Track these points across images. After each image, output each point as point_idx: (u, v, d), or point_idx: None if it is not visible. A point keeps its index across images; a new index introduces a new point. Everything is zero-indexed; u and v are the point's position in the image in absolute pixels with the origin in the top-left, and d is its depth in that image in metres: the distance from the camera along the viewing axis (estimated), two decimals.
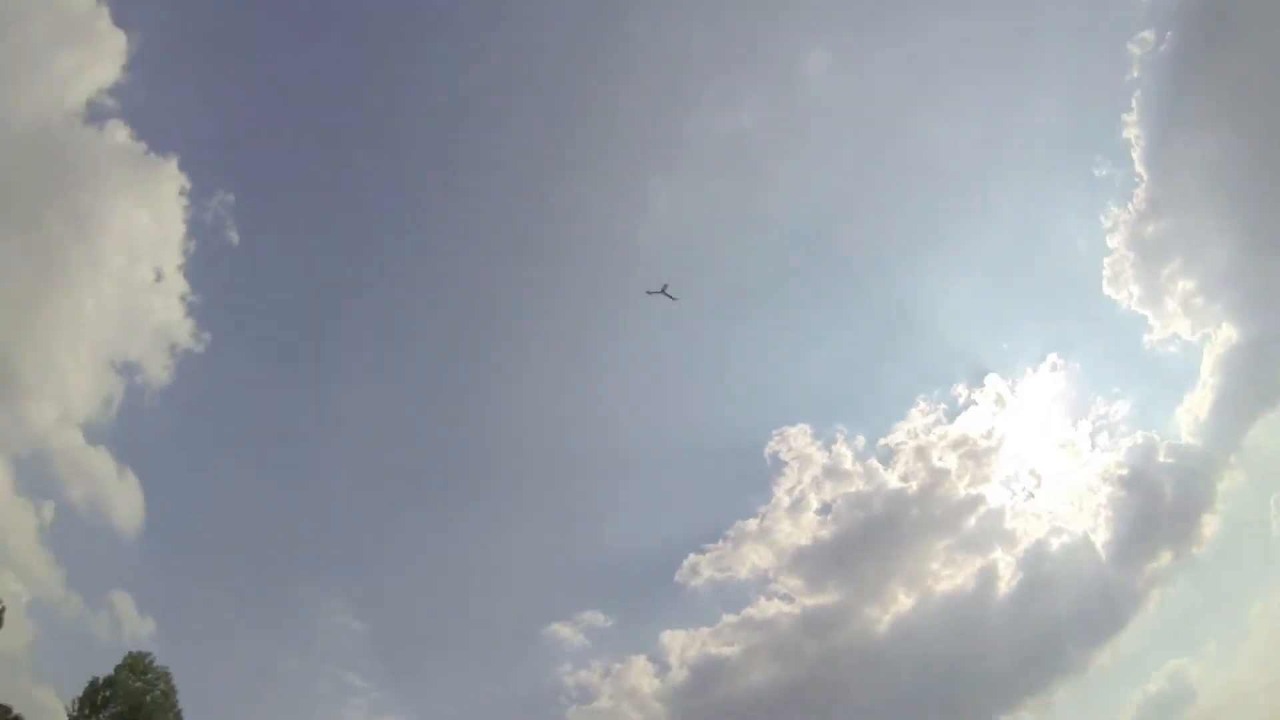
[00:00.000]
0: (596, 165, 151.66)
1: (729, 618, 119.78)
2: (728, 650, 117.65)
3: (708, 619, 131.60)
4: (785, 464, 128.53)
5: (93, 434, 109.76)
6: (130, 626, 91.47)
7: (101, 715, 48.32)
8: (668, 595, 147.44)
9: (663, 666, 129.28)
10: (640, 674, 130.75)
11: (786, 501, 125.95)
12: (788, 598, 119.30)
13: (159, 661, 52.15)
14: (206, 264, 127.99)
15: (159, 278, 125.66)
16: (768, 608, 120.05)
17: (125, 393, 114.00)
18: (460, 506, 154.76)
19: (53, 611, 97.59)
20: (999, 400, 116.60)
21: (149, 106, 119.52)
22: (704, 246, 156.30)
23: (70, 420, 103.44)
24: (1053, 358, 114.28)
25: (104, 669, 49.98)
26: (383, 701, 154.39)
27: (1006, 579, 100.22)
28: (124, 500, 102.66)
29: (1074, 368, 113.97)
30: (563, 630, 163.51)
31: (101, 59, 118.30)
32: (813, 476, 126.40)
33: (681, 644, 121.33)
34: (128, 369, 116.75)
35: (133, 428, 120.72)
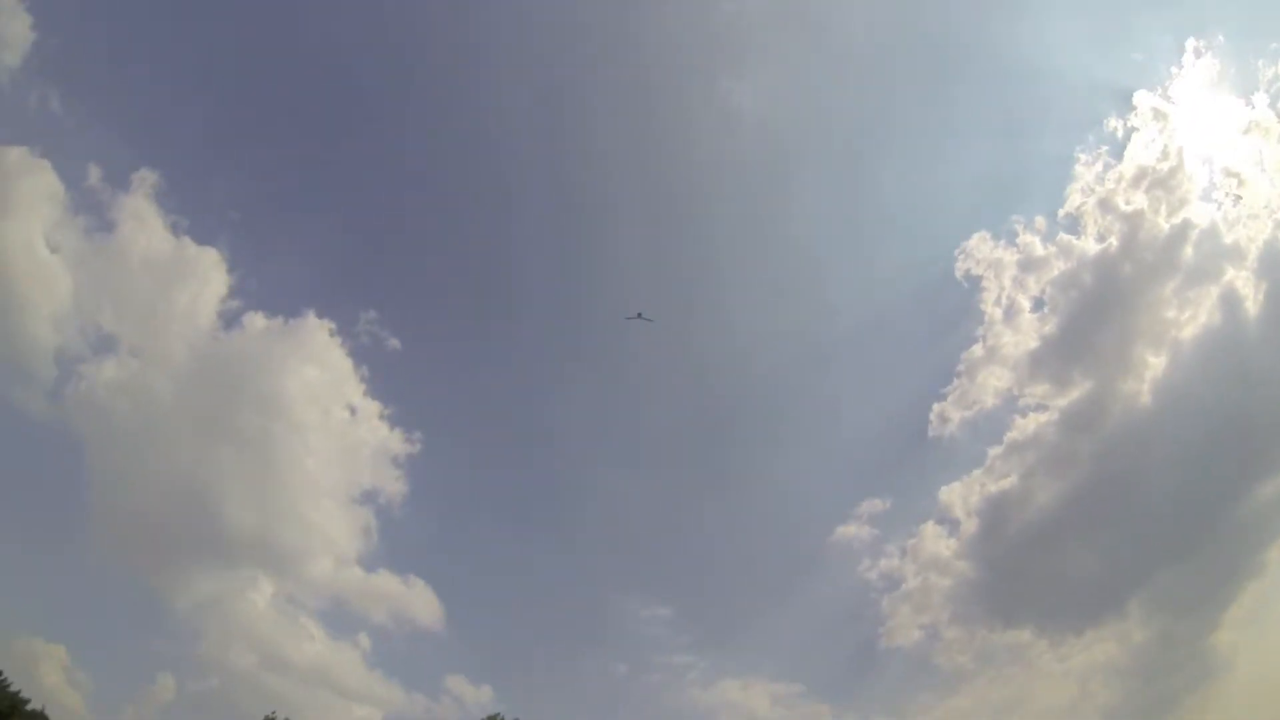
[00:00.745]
0: None
1: (994, 451, 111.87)
2: (1005, 483, 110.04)
3: (974, 460, 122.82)
4: (980, 277, 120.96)
5: (368, 562, 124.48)
6: (472, 698, 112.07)
7: None
8: (929, 454, 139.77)
9: (951, 525, 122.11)
10: (933, 540, 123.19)
11: (998, 313, 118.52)
12: (1041, 407, 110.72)
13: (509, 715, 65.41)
14: (384, 375, 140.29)
15: (353, 411, 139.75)
16: (1026, 425, 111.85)
17: (376, 515, 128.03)
18: (714, 470, 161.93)
19: (406, 716, 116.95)
20: (1157, 114, 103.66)
21: (267, 287, 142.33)
22: None
23: (346, 561, 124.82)
24: (1191, 43, 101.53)
25: None
26: (713, 668, 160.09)
27: (1251, 296, 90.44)
28: (420, 602, 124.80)
29: (1218, 41, 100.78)
30: (847, 530, 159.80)
31: (210, 282, 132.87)
32: (1012, 278, 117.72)
33: (960, 496, 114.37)
34: (368, 496, 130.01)
35: (397, 540, 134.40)
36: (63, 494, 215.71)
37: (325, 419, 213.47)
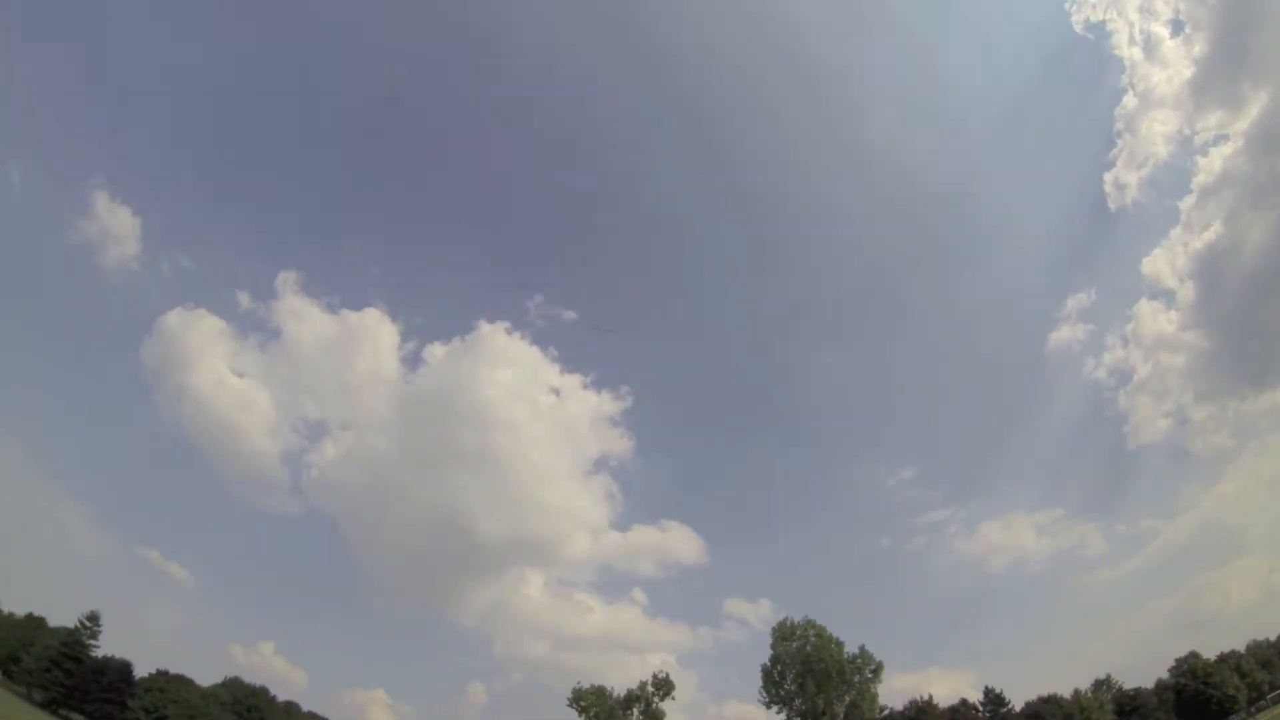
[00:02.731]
0: None
1: (1185, 203, 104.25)
2: (1210, 235, 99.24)
3: (1167, 219, 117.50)
4: (1103, 21, 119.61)
5: (620, 523, 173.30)
6: (753, 614, 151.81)
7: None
8: (1117, 227, 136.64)
9: (1165, 297, 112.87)
10: (1152, 319, 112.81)
11: (1137, 53, 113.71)
12: (1220, 138, 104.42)
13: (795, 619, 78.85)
14: (571, 348, 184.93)
15: (557, 392, 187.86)
16: (1211, 164, 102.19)
17: (614, 477, 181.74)
18: (909, 321, 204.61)
19: (697, 650, 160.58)
20: None
21: (432, 318, 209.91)
22: None
23: (599, 529, 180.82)
24: None
25: None
26: (970, 515, 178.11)
27: None
28: (680, 543, 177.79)
29: None
30: (1060, 335, 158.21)
31: (381, 336, 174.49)
32: (1138, 8, 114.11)
33: (1165, 263, 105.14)
34: (600, 463, 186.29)
35: (640, 493, 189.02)
36: (335, 566, 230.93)
37: (534, 409, 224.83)
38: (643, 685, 79.88)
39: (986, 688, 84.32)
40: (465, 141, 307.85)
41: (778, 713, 74.59)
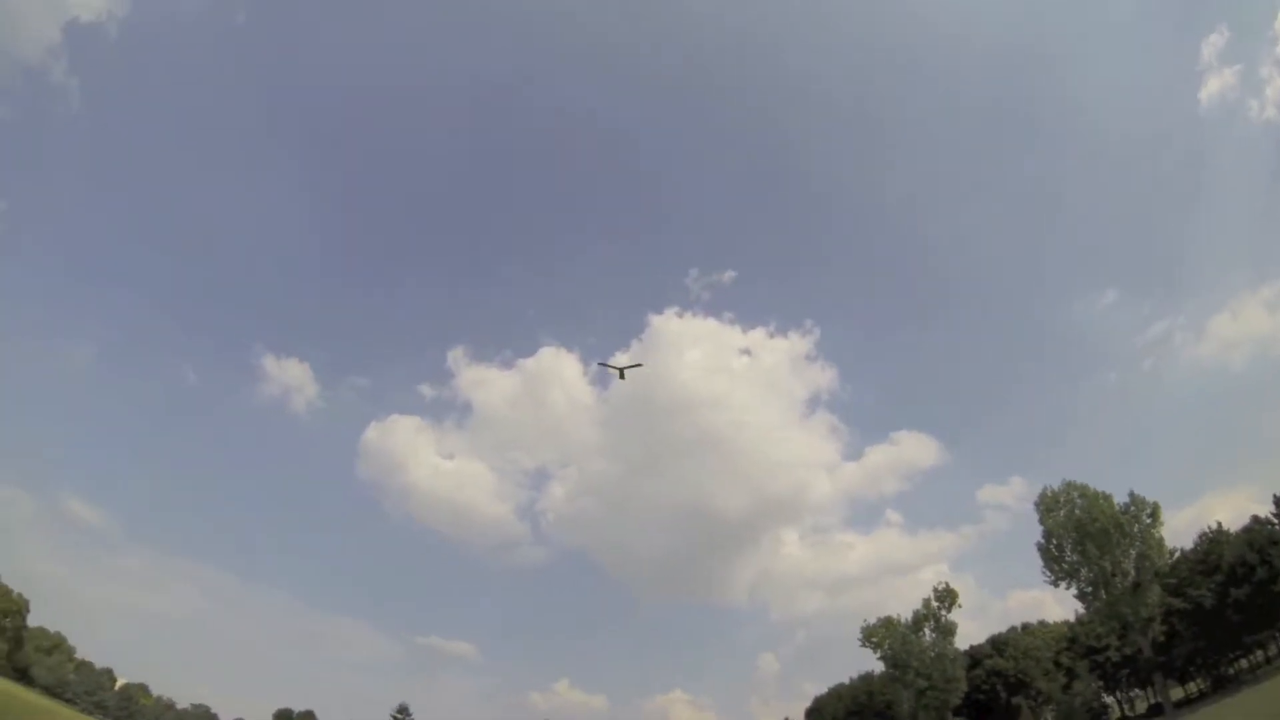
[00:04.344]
0: None
1: None
2: None
3: None
4: None
5: (851, 452, 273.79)
6: (1009, 497, 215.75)
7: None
8: None
9: None
10: None
11: None
12: None
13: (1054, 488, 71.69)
14: (741, 304, 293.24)
15: (747, 351, 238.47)
16: None
17: (830, 410, 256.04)
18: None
19: (965, 549, 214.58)
20: None
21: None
22: None
23: (833, 466, 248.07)
24: None
25: None
26: (1189, 321, 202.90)
27: None
28: (914, 450, 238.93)
29: None
30: (1208, 88, 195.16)
31: (562, 369, 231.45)
32: None
33: None
34: (812, 403, 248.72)
35: (859, 416, 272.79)
36: (597, 592, 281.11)
37: (732, 375, 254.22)
38: (926, 602, 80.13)
39: (1276, 495, 66.72)
40: (581, 155, 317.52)
41: (1066, 587, 68.90)
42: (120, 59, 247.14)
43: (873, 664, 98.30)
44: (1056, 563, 69.66)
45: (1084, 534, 67.43)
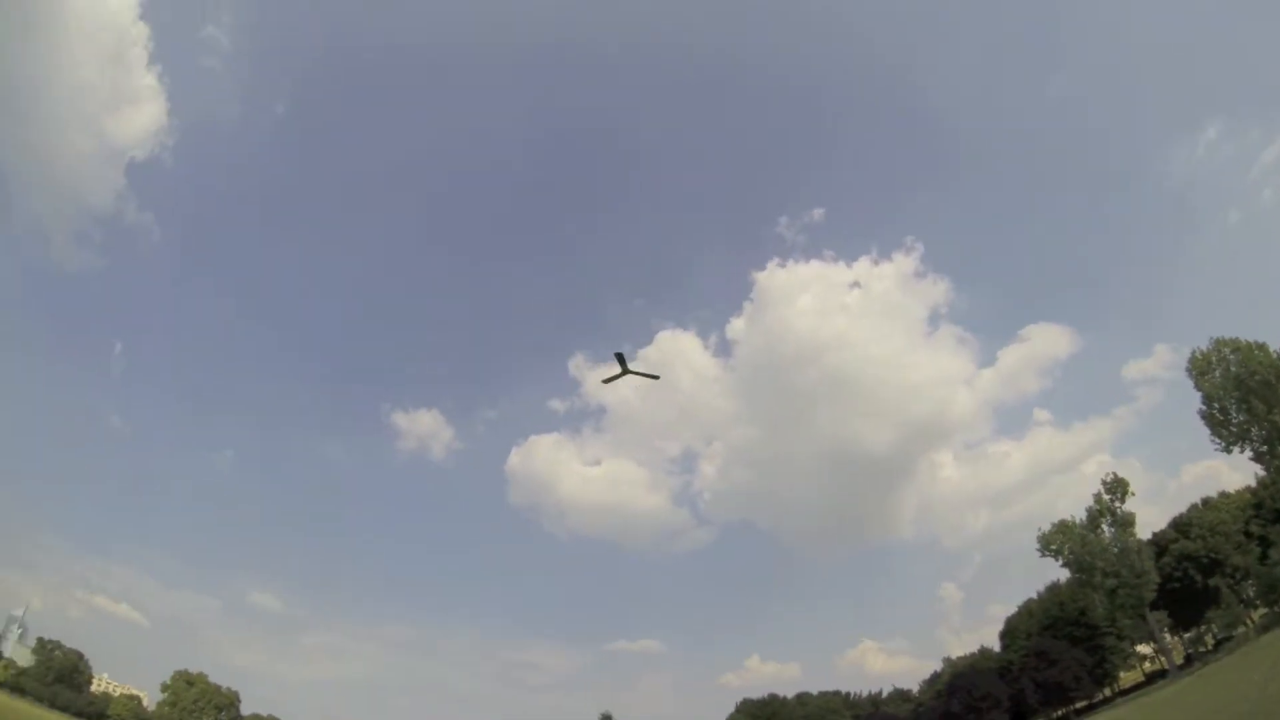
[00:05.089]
0: None
1: None
2: None
3: None
4: None
5: (984, 358, 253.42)
6: (1153, 370, 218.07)
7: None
8: None
9: None
10: None
11: None
12: None
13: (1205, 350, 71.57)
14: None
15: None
16: None
17: (953, 323, 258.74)
18: None
19: (1128, 430, 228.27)
20: None
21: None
22: None
23: (970, 378, 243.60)
24: None
25: None
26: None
27: None
28: (1048, 343, 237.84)
29: None
30: None
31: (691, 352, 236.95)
32: None
33: None
34: (933, 319, 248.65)
35: (983, 322, 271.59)
36: (770, 559, 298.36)
37: (847, 311, 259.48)
38: (1097, 497, 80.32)
39: None
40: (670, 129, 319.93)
41: (1240, 451, 68.51)
42: (182, 180, 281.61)
43: (1056, 573, 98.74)
44: (1223, 427, 69.38)
45: (1246, 391, 67.07)
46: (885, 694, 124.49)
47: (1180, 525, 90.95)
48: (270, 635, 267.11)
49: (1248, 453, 67.77)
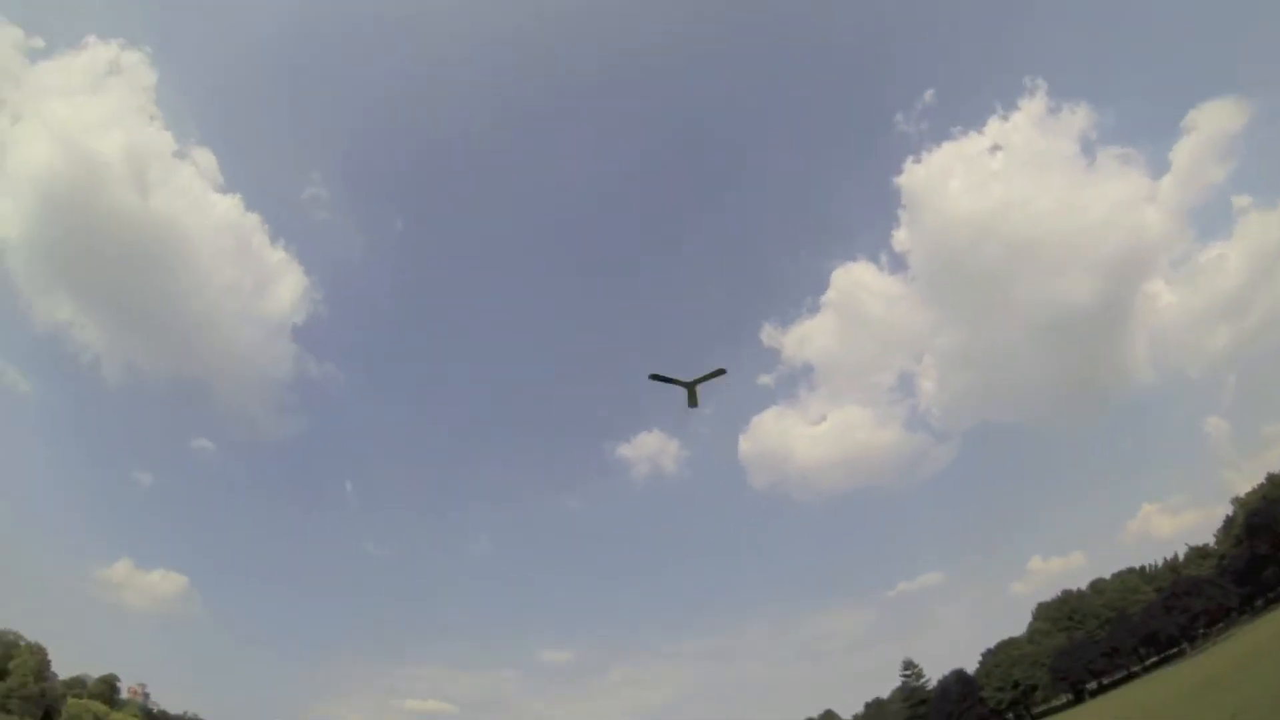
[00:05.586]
0: None
1: None
2: None
3: None
4: None
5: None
6: None
7: None
8: None
9: None
10: None
11: None
12: None
13: None
14: None
15: None
16: None
17: None
18: None
19: None
20: None
21: None
22: None
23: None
24: None
25: None
26: None
27: None
28: None
29: None
30: None
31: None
32: None
33: None
34: None
35: None
36: (1021, 458, 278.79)
37: (996, 178, 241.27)
38: None
39: None
40: None
41: None
42: (342, 321, 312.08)
43: None
44: None
45: None
46: (1181, 557, 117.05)
47: None
48: (571, 685, 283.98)
49: None
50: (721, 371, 24.85)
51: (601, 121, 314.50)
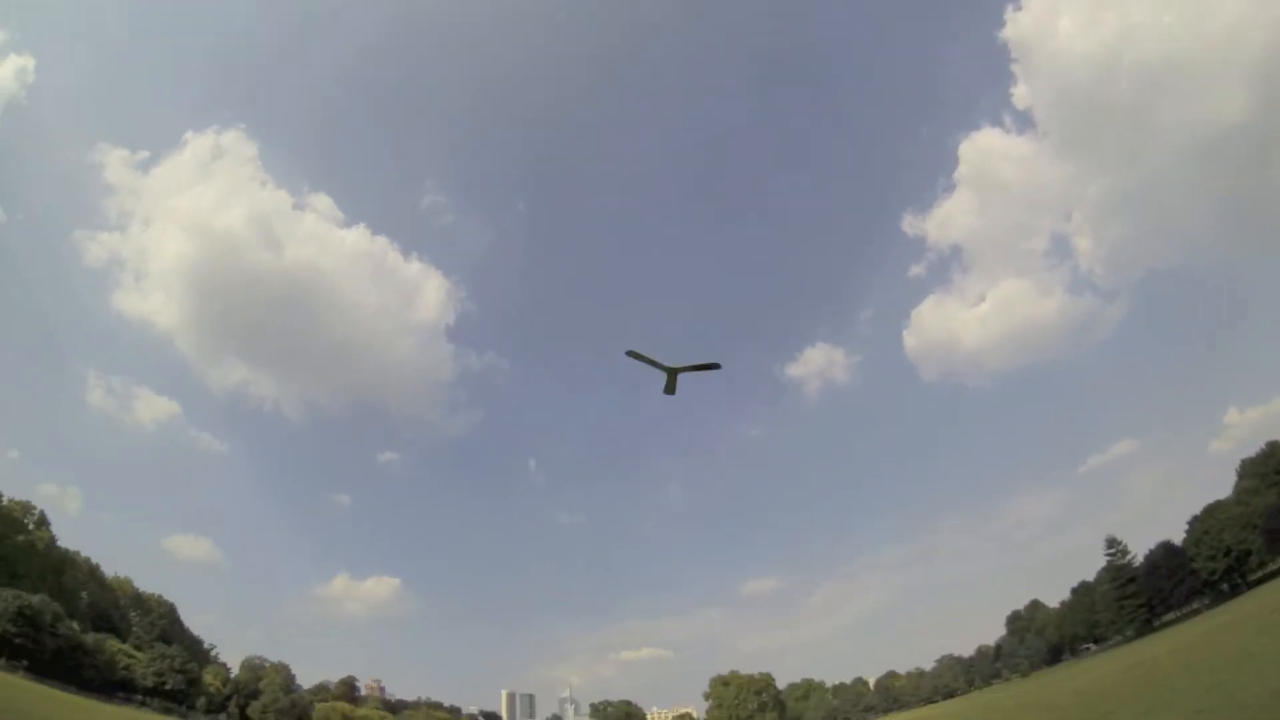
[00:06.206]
0: None
1: None
2: None
3: None
4: None
5: None
6: None
7: None
8: None
9: None
10: None
11: None
12: None
13: None
14: None
15: None
16: None
17: None
18: None
19: None
20: None
21: None
22: None
23: None
24: None
25: None
26: None
27: None
28: None
29: None
30: None
31: None
32: None
33: None
34: None
35: None
36: (1201, 298, 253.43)
37: None
38: None
39: None
40: None
41: None
42: (489, 310, 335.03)
43: None
44: None
45: None
46: None
47: None
48: (779, 611, 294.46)
49: None
50: (715, 366, 23.23)
51: (710, 54, 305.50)
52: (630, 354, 23.74)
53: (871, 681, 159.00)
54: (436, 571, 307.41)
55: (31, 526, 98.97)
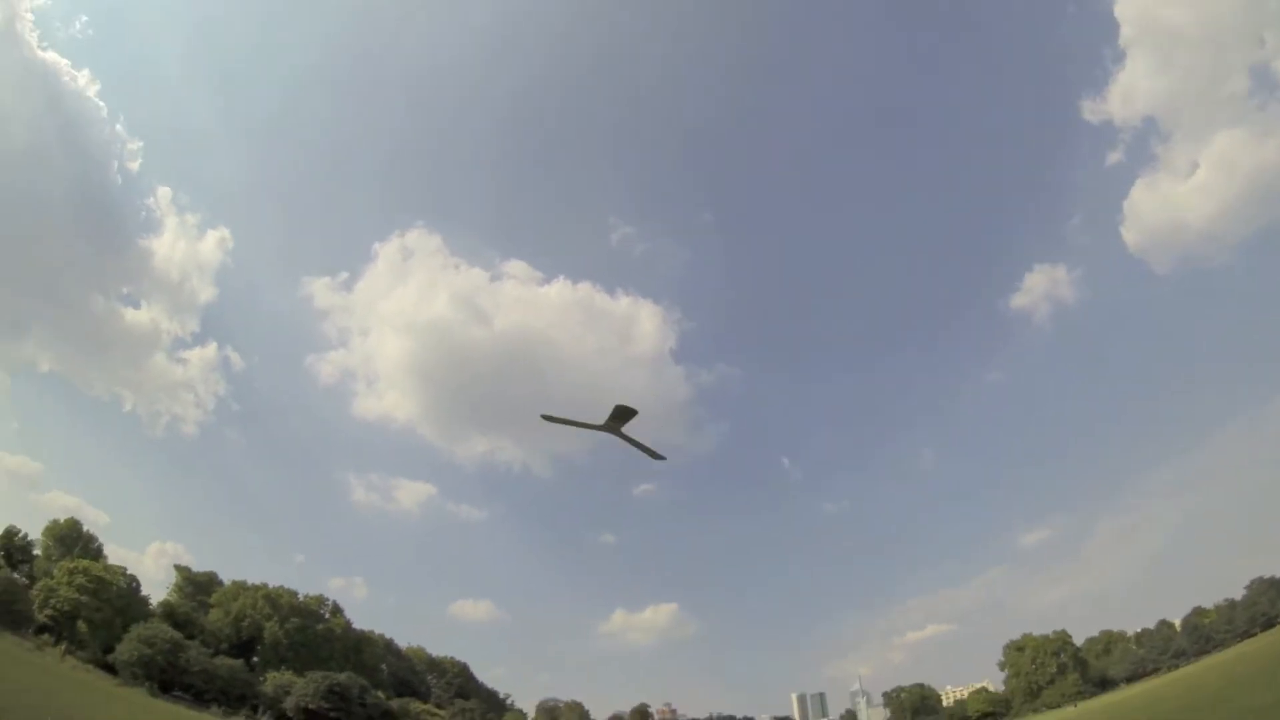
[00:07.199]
0: None
1: None
2: None
3: None
4: None
5: None
6: None
7: None
8: None
9: None
10: None
11: None
12: None
13: None
14: None
15: None
16: None
17: None
18: None
19: None
20: None
21: None
22: None
23: None
24: None
25: None
26: None
27: None
28: None
29: None
30: None
31: None
32: None
33: None
34: None
35: None
36: None
37: None
38: None
39: None
40: None
41: None
42: (709, 329, 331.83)
43: None
44: None
45: None
46: None
47: None
48: (1060, 559, 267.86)
49: None
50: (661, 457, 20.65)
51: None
52: (546, 418, 20.85)
53: (1177, 622, 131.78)
54: (710, 588, 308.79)
55: (327, 615, 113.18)
